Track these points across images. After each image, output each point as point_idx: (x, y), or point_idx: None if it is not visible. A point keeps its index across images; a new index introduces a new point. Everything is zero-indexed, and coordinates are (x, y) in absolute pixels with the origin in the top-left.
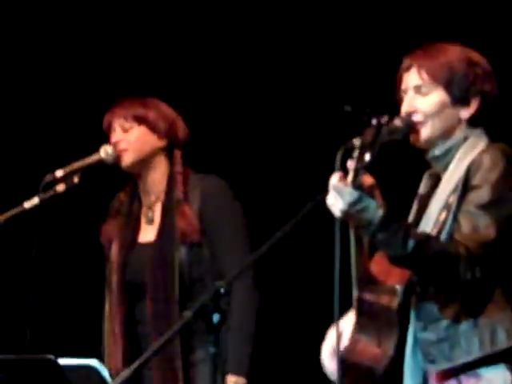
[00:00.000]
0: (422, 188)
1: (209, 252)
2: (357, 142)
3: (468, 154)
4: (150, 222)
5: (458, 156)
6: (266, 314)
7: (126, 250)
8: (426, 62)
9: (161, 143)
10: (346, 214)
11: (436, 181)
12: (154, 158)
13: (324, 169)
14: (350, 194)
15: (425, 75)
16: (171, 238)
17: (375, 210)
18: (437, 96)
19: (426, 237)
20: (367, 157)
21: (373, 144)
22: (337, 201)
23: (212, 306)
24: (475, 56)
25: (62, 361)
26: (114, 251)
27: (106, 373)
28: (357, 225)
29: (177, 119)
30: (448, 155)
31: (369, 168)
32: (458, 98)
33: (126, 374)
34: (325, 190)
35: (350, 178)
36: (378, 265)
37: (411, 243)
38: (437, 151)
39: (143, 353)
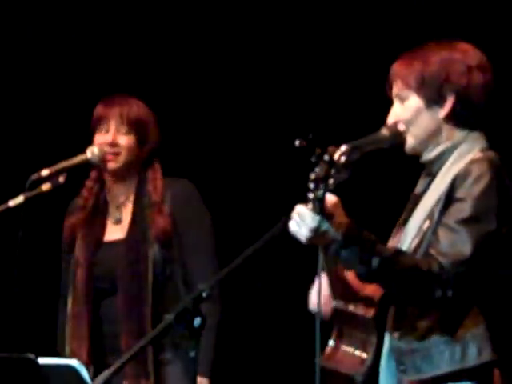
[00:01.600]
0: (418, 188)
1: (178, 253)
2: (311, 175)
3: (457, 162)
4: (117, 222)
5: (448, 162)
6: (243, 326)
7: (93, 248)
8: (401, 69)
9: (144, 154)
10: (311, 239)
11: (431, 181)
12: (134, 166)
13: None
14: (312, 219)
15: (399, 83)
16: (144, 237)
17: (335, 230)
18: (412, 102)
19: (396, 253)
20: (319, 192)
21: (325, 178)
22: (300, 228)
23: (193, 310)
24: (457, 52)
25: (42, 360)
26: (80, 248)
27: (85, 373)
28: (322, 249)
29: (157, 127)
30: (441, 159)
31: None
32: (432, 99)
33: (106, 374)
34: (286, 215)
35: (309, 206)
36: (354, 274)
37: (375, 261)
38: (429, 155)
39: (107, 352)
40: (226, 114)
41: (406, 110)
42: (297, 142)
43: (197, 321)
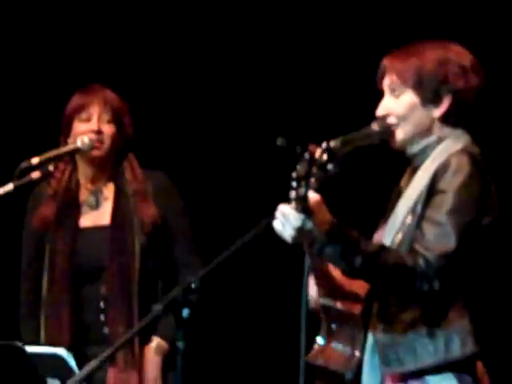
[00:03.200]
0: (402, 182)
1: (161, 244)
2: (293, 174)
3: (439, 156)
4: (94, 207)
5: (430, 157)
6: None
7: (72, 233)
8: (396, 64)
9: (120, 143)
10: (296, 238)
11: (414, 175)
12: (114, 152)
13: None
14: (296, 218)
15: (395, 78)
16: (131, 225)
17: (318, 228)
18: (407, 98)
19: (380, 249)
20: (302, 189)
21: (307, 176)
22: (284, 227)
23: (182, 301)
24: (452, 52)
25: (30, 348)
26: (57, 236)
27: (72, 362)
28: (307, 247)
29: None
30: (424, 154)
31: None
32: (428, 98)
33: (95, 363)
34: (270, 214)
35: (292, 205)
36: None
37: (359, 258)
38: (413, 149)
39: (89, 337)
40: (207, 111)
41: (400, 105)
42: (278, 141)
43: (185, 312)
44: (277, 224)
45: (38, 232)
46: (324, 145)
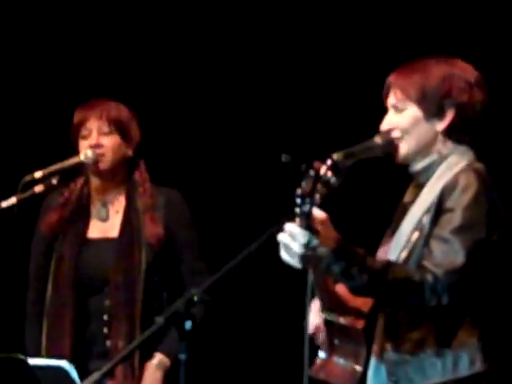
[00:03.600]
0: (406, 197)
1: (167, 259)
2: (298, 190)
3: (445, 173)
4: (103, 219)
5: (436, 174)
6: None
7: (78, 244)
8: (400, 80)
9: (130, 152)
10: (304, 256)
11: (419, 192)
12: (122, 164)
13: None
14: (303, 235)
15: (399, 93)
16: (138, 239)
17: (324, 246)
18: (410, 112)
19: (387, 265)
20: (307, 206)
21: (311, 193)
22: (291, 246)
23: (184, 313)
24: (456, 68)
25: (32, 361)
26: (64, 245)
27: (75, 374)
28: (314, 266)
29: (138, 126)
30: (429, 171)
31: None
32: (432, 112)
33: (96, 375)
34: (278, 222)
35: (297, 222)
36: (344, 286)
37: (365, 277)
38: (417, 166)
39: (91, 349)
40: (214, 125)
41: (404, 119)
42: (283, 157)
43: (188, 324)
44: (283, 242)
45: (45, 238)
46: (329, 162)
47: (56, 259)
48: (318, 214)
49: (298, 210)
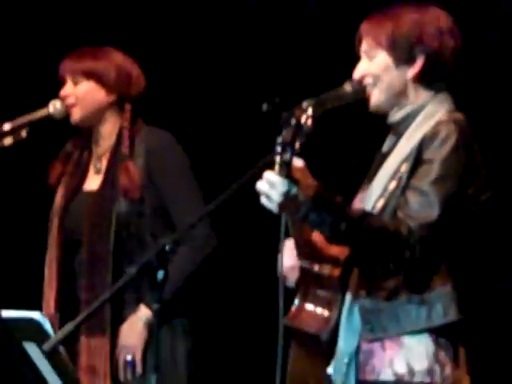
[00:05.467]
0: (384, 147)
1: (151, 208)
2: (278, 139)
3: (424, 123)
4: (98, 172)
5: (414, 124)
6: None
7: (70, 196)
8: (371, 28)
9: (110, 98)
10: (283, 205)
11: (397, 142)
12: (103, 112)
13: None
14: (282, 184)
15: (369, 40)
16: (112, 191)
17: (303, 194)
18: (380, 59)
19: (364, 215)
20: (287, 154)
21: (292, 142)
22: (271, 195)
23: (157, 263)
24: (428, 15)
25: (4, 313)
26: (58, 196)
27: (48, 326)
28: (291, 213)
29: (132, 71)
30: (406, 121)
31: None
32: (402, 59)
33: (69, 327)
34: (268, 155)
35: (276, 170)
36: (320, 235)
37: (343, 224)
38: (395, 117)
39: (77, 305)
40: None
41: (375, 66)
42: (264, 107)
43: (160, 274)
44: (262, 189)
45: (52, 189)
46: (310, 111)
47: (52, 211)
48: (297, 162)
49: (278, 158)
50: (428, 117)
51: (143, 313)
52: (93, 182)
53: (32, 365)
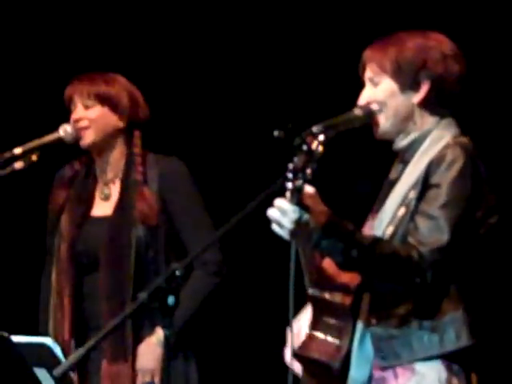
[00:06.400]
0: (392, 174)
1: (164, 233)
2: (290, 165)
3: (430, 148)
4: (106, 198)
5: (420, 150)
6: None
7: (78, 222)
8: (375, 54)
9: (121, 124)
10: (294, 232)
11: (404, 168)
12: (114, 137)
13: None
14: (293, 211)
15: (374, 67)
16: (129, 216)
17: (314, 221)
18: (385, 85)
19: (374, 240)
20: (299, 181)
21: (303, 168)
22: (282, 222)
23: (167, 288)
24: (432, 40)
25: (16, 338)
26: (65, 223)
27: (59, 351)
28: (303, 240)
29: (139, 97)
30: (412, 147)
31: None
32: (407, 84)
33: (80, 352)
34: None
35: (287, 197)
36: (331, 263)
37: (354, 252)
38: (401, 144)
39: (89, 327)
40: (206, 103)
41: (380, 92)
42: (275, 133)
43: (170, 299)
44: (273, 217)
45: (54, 215)
46: (321, 137)
47: (58, 237)
48: (308, 188)
49: (289, 185)
50: (434, 142)
51: (160, 335)
52: (101, 209)
53: None
